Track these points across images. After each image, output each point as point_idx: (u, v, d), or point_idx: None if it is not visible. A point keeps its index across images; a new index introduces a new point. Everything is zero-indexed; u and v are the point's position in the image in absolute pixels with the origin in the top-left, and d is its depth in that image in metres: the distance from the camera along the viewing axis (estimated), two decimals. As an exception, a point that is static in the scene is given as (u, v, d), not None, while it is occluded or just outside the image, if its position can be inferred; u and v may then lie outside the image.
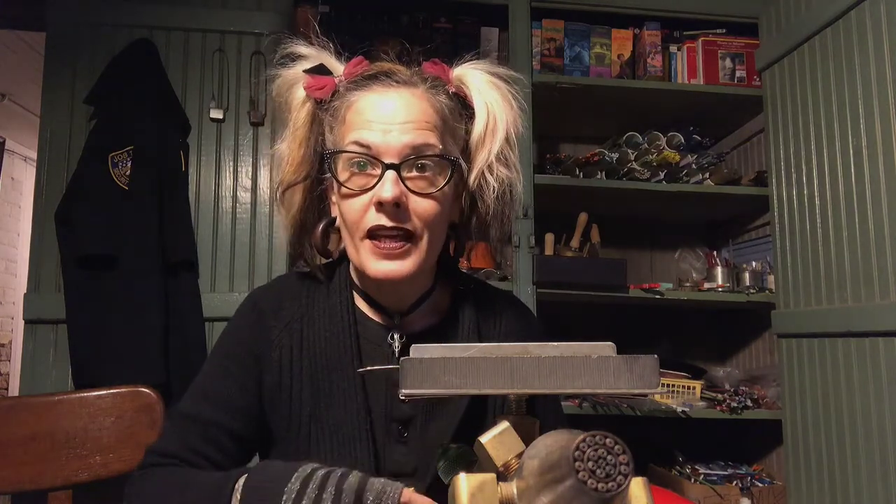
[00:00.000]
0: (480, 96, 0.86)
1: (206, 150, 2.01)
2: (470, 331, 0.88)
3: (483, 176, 0.85)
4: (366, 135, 0.80)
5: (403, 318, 0.87)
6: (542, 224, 2.13)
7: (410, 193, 0.80)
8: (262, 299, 0.90)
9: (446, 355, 0.53)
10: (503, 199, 0.86)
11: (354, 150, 0.80)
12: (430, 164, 0.81)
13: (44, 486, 1.02)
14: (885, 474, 1.63)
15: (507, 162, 0.87)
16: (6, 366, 5.16)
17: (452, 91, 0.87)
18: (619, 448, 0.42)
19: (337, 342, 0.84)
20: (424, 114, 0.81)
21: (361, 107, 0.82)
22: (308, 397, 0.84)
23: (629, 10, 2.31)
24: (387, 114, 0.80)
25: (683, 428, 2.25)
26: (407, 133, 0.79)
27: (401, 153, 0.79)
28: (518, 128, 0.88)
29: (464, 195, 0.87)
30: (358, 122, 0.81)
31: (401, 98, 0.82)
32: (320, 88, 0.85)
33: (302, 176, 0.86)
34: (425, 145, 0.80)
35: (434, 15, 2.27)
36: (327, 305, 0.87)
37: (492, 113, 0.86)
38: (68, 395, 1.07)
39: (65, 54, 1.99)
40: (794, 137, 2.03)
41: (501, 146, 0.85)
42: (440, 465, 0.72)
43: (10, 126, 4.47)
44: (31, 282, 1.91)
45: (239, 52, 2.04)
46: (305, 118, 0.86)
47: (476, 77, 0.88)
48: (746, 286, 2.25)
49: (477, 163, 0.86)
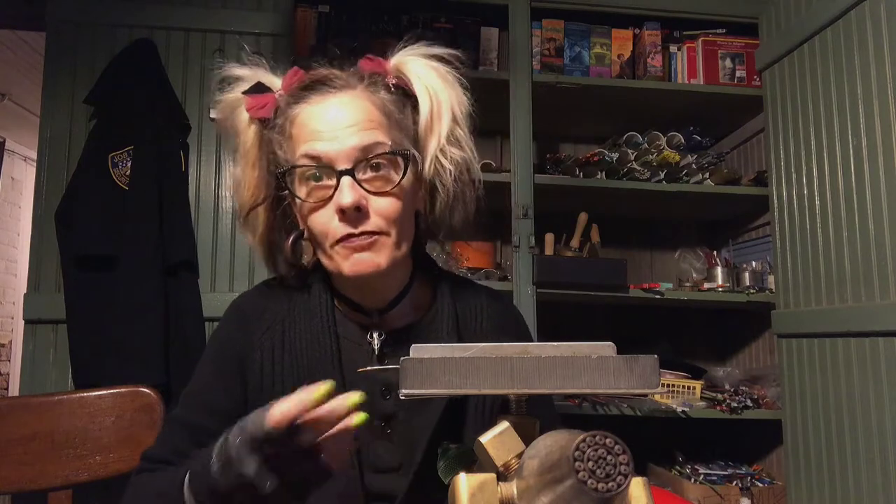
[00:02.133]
0: (420, 82, 0.85)
1: (206, 150, 2.02)
2: (450, 327, 0.88)
3: (437, 161, 0.85)
4: (315, 146, 0.79)
5: (383, 315, 0.88)
6: (542, 224, 2.13)
7: (369, 195, 0.80)
8: (245, 303, 0.92)
9: (446, 355, 0.53)
10: (461, 180, 0.86)
11: (306, 163, 0.80)
12: (382, 162, 0.80)
13: (44, 486, 1.02)
14: (885, 474, 1.63)
15: (459, 142, 0.86)
16: (6, 366, 5.16)
17: (393, 83, 0.86)
18: (619, 448, 0.42)
19: (317, 342, 0.85)
20: (367, 113, 0.81)
21: (304, 119, 0.82)
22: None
23: (629, 10, 2.31)
24: (330, 121, 0.80)
25: (683, 428, 2.25)
26: (353, 136, 0.79)
27: (351, 157, 0.79)
28: (464, 106, 0.87)
29: (423, 183, 0.87)
30: (304, 135, 0.81)
31: (341, 103, 0.81)
32: (262, 107, 0.85)
33: (261, 197, 0.86)
34: (374, 144, 0.80)
35: (434, 15, 2.27)
36: (308, 307, 0.88)
37: (434, 96, 0.85)
38: (68, 395, 1.07)
39: (65, 54, 1.99)
40: (794, 137, 2.03)
41: (450, 128, 0.85)
42: (440, 465, 0.72)
43: (10, 126, 4.47)
44: (31, 282, 1.91)
45: (239, 52, 2.04)
46: (253, 139, 0.87)
47: (413, 63, 0.86)
48: (746, 286, 2.25)
49: (429, 149, 0.85)
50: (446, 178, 0.85)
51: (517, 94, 2.15)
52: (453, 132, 0.86)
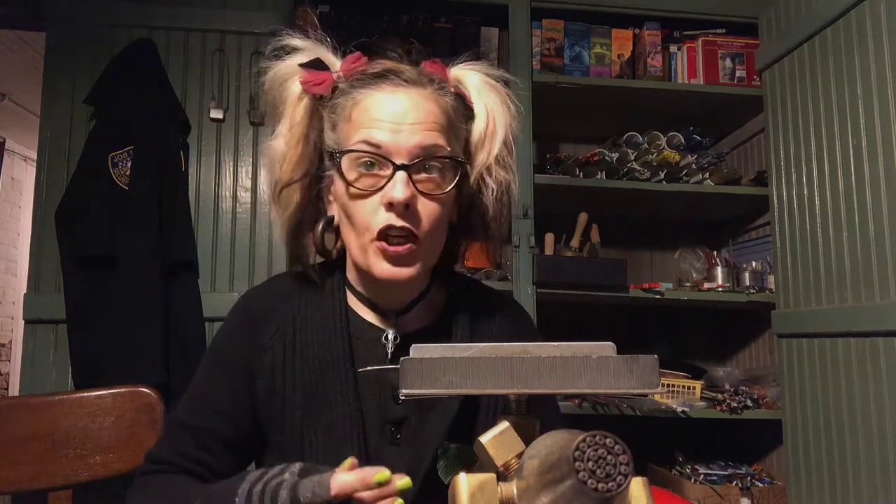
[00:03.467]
0: (480, 98, 0.86)
1: (206, 150, 2.02)
2: (463, 331, 0.88)
3: (482, 177, 0.85)
4: (376, 134, 0.78)
5: (399, 317, 0.87)
6: (542, 224, 2.13)
7: (419, 195, 0.79)
8: (252, 303, 0.90)
9: (446, 355, 0.53)
10: (501, 201, 0.86)
11: (364, 149, 0.79)
12: (438, 165, 0.80)
13: (44, 486, 1.02)
14: (885, 474, 1.63)
15: (505, 164, 0.86)
16: (6, 366, 5.16)
17: (453, 92, 0.86)
18: (619, 448, 0.42)
19: (329, 343, 0.84)
20: (433, 114, 0.81)
21: (369, 105, 0.80)
22: (301, 400, 0.83)
23: (629, 10, 2.31)
24: (397, 113, 0.79)
25: (683, 428, 2.25)
26: (417, 134, 0.78)
27: (411, 154, 0.78)
28: (515, 131, 0.88)
29: (463, 196, 0.87)
30: (366, 121, 0.79)
31: (410, 98, 0.80)
32: (318, 84, 0.83)
33: (301, 174, 0.83)
34: (435, 146, 0.79)
35: (434, 15, 2.27)
36: (321, 306, 0.86)
37: (491, 115, 0.85)
38: (68, 395, 1.07)
39: (65, 54, 1.99)
40: (794, 137, 2.03)
41: (500, 148, 0.85)
42: (440, 465, 0.72)
43: (10, 126, 4.47)
44: (31, 282, 1.91)
45: (239, 52, 2.04)
46: (304, 115, 0.84)
47: (474, 78, 0.87)
48: (746, 286, 2.25)
49: (476, 164, 0.85)
50: (487, 195, 0.85)
51: (517, 94, 2.14)
52: (501, 153, 0.86)
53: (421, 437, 0.83)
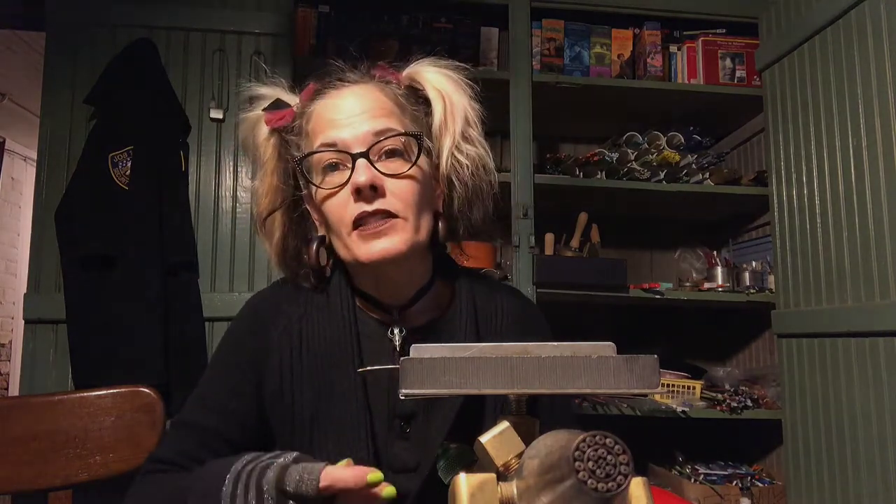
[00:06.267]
0: (431, 85, 0.89)
1: (206, 150, 2.01)
2: (469, 325, 0.88)
3: (454, 157, 0.87)
4: (330, 133, 0.82)
5: (403, 312, 0.88)
6: (542, 224, 2.13)
7: (385, 177, 0.81)
8: (259, 305, 0.92)
9: (446, 355, 0.53)
10: (478, 175, 0.88)
11: (321, 150, 0.83)
12: (397, 147, 0.83)
13: (44, 486, 1.02)
14: (885, 474, 1.63)
15: (473, 141, 0.89)
16: (6, 366, 5.16)
17: (405, 86, 0.90)
18: (619, 448, 0.42)
19: (337, 340, 0.85)
20: (380, 101, 0.84)
21: (320, 111, 0.85)
22: (309, 399, 0.84)
23: (629, 10, 2.31)
24: (345, 109, 0.83)
25: (683, 428, 2.25)
26: (367, 122, 0.82)
27: (365, 140, 0.81)
28: (475, 110, 0.90)
29: (441, 181, 0.89)
30: (320, 127, 0.84)
31: (355, 94, 0.85)
32: (280, 119, 0.89)
33: (279, 201, 0.89)
34: (387, 129, 0.82)
35: (434, 15, 2.27)
36: (326, 305, 0.88)
37: (447, 96, 0.88)
38: (68, 395, 1.07)
39: (65, 54, 1.99)
40: (794, 137, 2.03)
41: (463, 127, 0.88)
42: (440, 465, 0.72)
43: (10, 126, 4.47)
44: (31, 282, 1.91)
45: (239, 52, 2.04)
46: (272, 150, 0.89)
47: (425, 71, 0.90)
48: (746, 286, 2.25)
49: (444, 146, 0.87)
50: (463, 173, 0.87)
51: (517, 94, 2.15)
52: (466, 131, 0.88)
53: (430, 430, 0.84)
